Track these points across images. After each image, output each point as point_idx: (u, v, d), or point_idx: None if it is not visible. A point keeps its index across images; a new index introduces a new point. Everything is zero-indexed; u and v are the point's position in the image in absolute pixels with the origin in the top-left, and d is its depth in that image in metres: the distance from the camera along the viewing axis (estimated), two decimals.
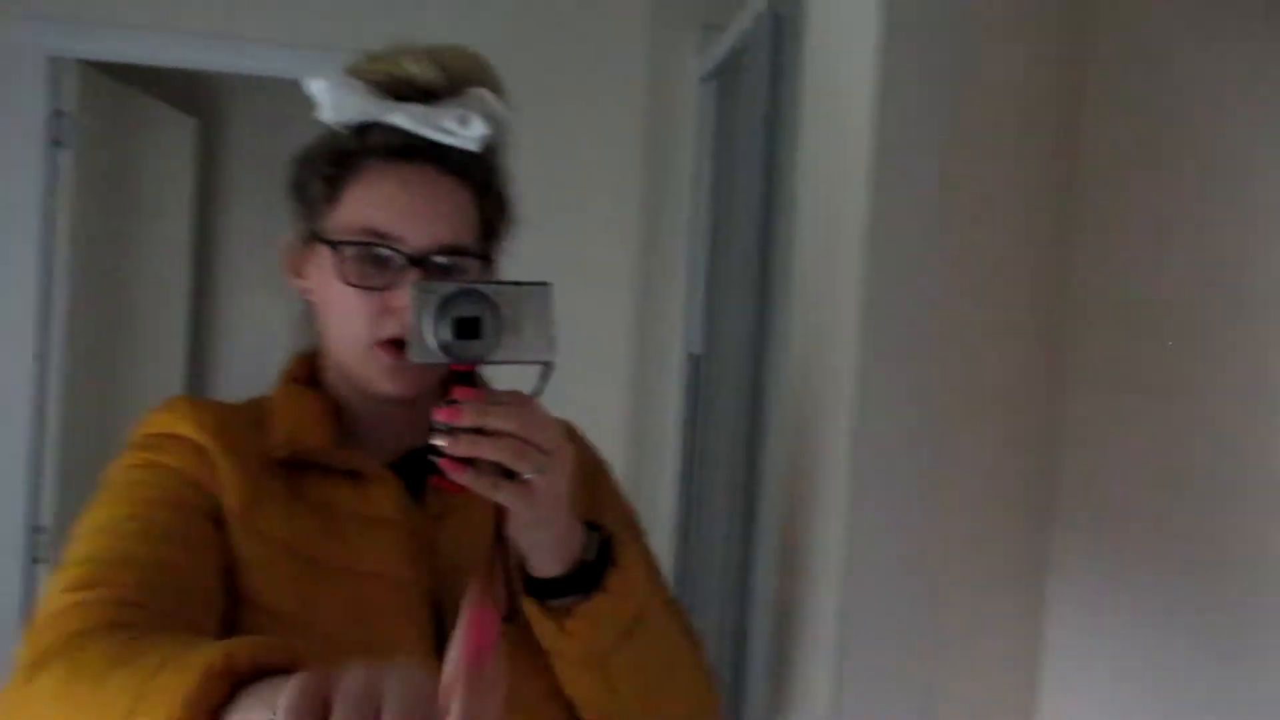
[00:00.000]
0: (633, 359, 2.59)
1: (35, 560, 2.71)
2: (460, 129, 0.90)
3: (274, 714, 0.51)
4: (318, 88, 0.91)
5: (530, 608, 0.84)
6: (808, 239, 1.18)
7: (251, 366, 3.98)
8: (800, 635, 1.09)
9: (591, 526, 0.86)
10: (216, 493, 0.86)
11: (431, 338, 0.75)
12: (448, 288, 0.76)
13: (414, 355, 0.76)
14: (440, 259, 0.89)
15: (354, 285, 0.88)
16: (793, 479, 1.16)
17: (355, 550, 0.87)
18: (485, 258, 0.94)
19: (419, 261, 0.87)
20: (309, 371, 0.98)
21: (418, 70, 0.92)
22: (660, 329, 2.49)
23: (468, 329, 0.75)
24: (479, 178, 0.93)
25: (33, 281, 2.67)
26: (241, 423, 0.92)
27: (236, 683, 0.59)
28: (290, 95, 0.92)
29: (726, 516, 1.85)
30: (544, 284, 0.78)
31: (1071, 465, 1.01)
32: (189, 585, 0.79)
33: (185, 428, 0.90)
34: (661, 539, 1.88)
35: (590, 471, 1.02)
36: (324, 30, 2.72)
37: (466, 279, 0.91)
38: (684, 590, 2.11)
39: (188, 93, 3.79)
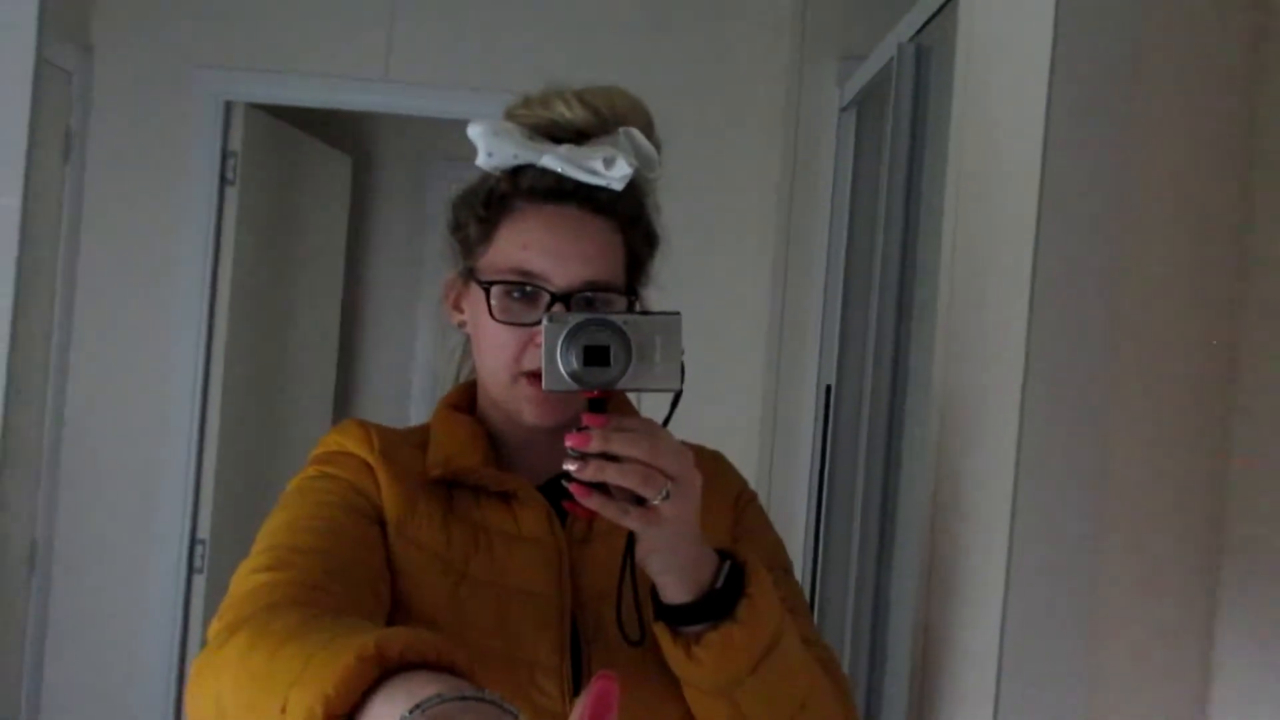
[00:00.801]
0: (767, 388, 2.59)
1: (193, 570, 2.89)
2: (605, 170, 0.93)
3: (408, 711, 0.55)
4: (475, 132, 0.96)
5: (660, 633, 0.85)
6: (954, 270, 1.17)
7: (392, 389, 4.15)
8: (948, 666, 1.07)
9: (724, 555, 0.86)
10: (379, 504, 0.92)
11: (562, 366, 0.78)
12: (577, 318, 0.79)
13: (547, 384, 0.79)
14: (585, 295, 0.92)
15: (501, 322, 0.92)
16: (938, 509, 1.14)
17: (502, 566, 0.91)
18: (631, 293, 0.97)
19: (564, 299, 0.91)
20: (468, 400, 1.04)
21: (569, 112, 0.96)
22: (795, 359, 2.48)
23: (596, 357, 0.78)
24: (626, 214, 0.97)
25: (198, 310, 2.87)
26: (404, 444, 0.98)
27: (385, 670, 0.61)
28: (432, 131, 0.99)
29: (861, 544, 1.83)
30: (674, 314, 0.80)
31: (1242, 483, 0.96)
32: (363, 579, 0.85)
33: (355, 446, 0.96)
34: (796, 567, 1.87)
35: (736, 500, 1.02)
36: (472, 71, 2.84)
37: (610, 309, 0.94)
38: (819, 617, 2.09)
39: (342, 131, 4.01)
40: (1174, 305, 0.97)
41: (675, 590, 0.83)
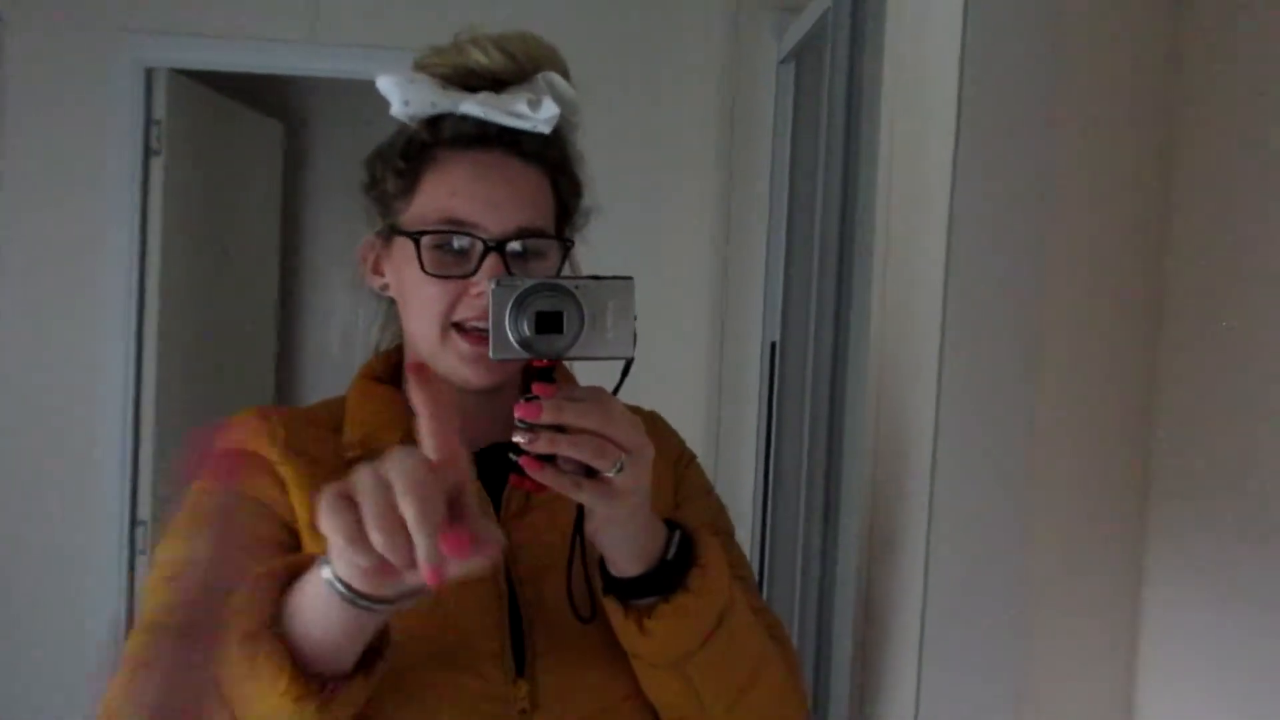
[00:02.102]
0: (712, 347, 2.58)
1: (135, 553, 2.83)
2: (531, 112, 0.90)
3: (323, 563, 0.67)
4: (386, 84, 0.92)
5: (610, 608, 0.83)
6: (889, 223, 1.16)
7: (338, 361, 4.07)
8: (884, 625, 1.07)
9: (673, 525, 0.84)
10: (286, 513, 0.87)
11: (511, 333, 0.75)
12: (527, 282, 0.75)
13: (494, 352, 0.75)
14: (518, 245, 0.89)
15: (433, 275, 0.88)
16: (876, 466, 1.14)
17: None
18: (565, 241, 0.94)
19: (498, 247, 0.87)
20: (389, 369, 0.99)
21: (485, 59, 0.92)
22: (739, 317, 2.47)
23: (548, 323, 0.75)
24: (553, 161, 0.94)
25: (128, 283, 2.78)
26: (314, 427, 0.93)
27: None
28: (371, 96, 0.94)
29: (807, 504, 1.83)
30: (626, 278, 0.77)
31: (1165, 449, 0.97)
32: None
33: (255, 443, 0.90)
34: (743, 529, 1.86)
35: (675, 463, 1.01)
36: (402, 31, 2.76)
37: (545, 264, 0.91)
38: (765, 580, 2.10)
39: (272, 97, 3.89)
40: (1099, 262, 0.97)
41: (626, 563, 0.81)
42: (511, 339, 0.75)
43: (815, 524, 1.79)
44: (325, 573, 0.67)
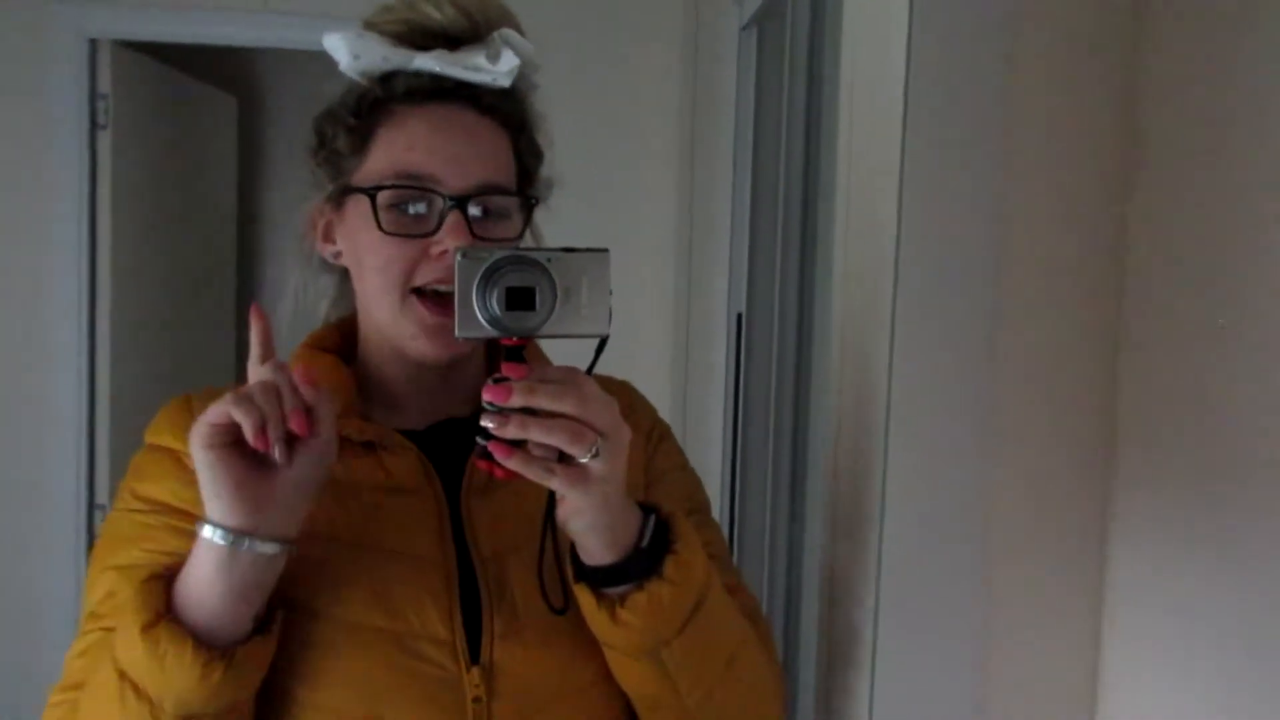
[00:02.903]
0: (678, 318, 2.56)
1: (94, 537, 2.77)
2: (490, 65, 0.86)
3: (200, 525, 0.72)
4: (333, 41, 0.88)
5: (582, 596, 0.79)
6: (850, 191, 1.13)
7: (298, 336, 4.00)
8: (850, 594, 1.06)
9: (647, 509, 0.80)
10: (199, 508, 0.81)
11: (479, 310, 0.71)
12: (496, 254, 0.71)
13: (460, 329, 0.71)
14: (478, 207, 0.85)
15: (391, 234, 0.83)
16: (840, 436, 1.12)
17: (374, 525, 0.83)
18: (528, 199, 0.90)
19: (459, 204, 0.83)
20: (338, 340, 0.95)
21: (438, 14, 0.87)
22: (705, 287, 2.45)
23: (520, 300, 0.71)
24: (513, 118, 0.89)
25: (78, 264, 2.70)
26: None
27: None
28: (330, 68, 0.89)
29: (774, 476, 1.82)
30: (601, 250, 0.73)
31: (1130, 421, 0.96)
32: None
33: (172, 438, 0.86)
34: (713, 499, 1.86)
35: (649, 435, 0.96)
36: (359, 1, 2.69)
37: (509, 225, 0.87)
38: (733, 553, 2.09)
39: (226, 71, 3.80)
40: (1058, 218, 0.96)
41: (598, 551, 0.77)
42: (479, 316, 0.71)
43: (783, 495, 1.78)
44: (205, 530, 0.72)
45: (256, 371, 0.76)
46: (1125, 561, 0.96)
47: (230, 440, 0.71)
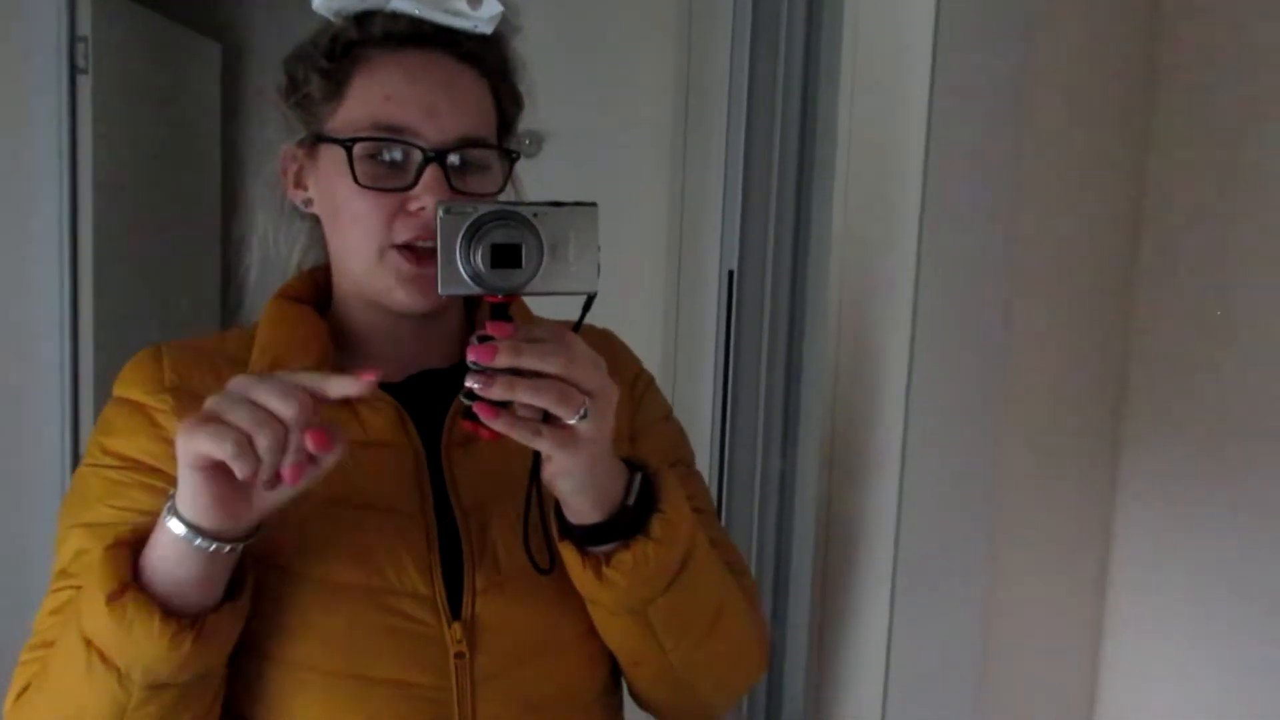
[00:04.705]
0: (669, 275, 2.53)
1: None
2: (471, 10, 0.83)
3: (168, 513, 0.70)
4: None
5: (567, 554, 0.78)
6: (852, 141, 1.11)
7: (268, 284, 3.95)
8: (849, 552, 1.06)
9: (633, 466, 0.79)
10: (169, 465, 0.81)
11: (463, 266, 0.69)
12: (480, 209, 0.69)
13: (443, 286, 0.69)
14: (457, 157, 0.82)
15: (368, 188, 0.81)
16: (837, 392, 1.11)
17: (351, 482, 0.82)
18: (509, 153, 0.88)
19: (438, 158, 0.81)
20: (311, 290, 0.93)
21: None
22: (696, 244, 2.43)
23: (505, 257, 0.69)
24: (494, 66, 0.87)
25: (58, 211, 2.65)
26: (214, 362, 0.86)
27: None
28: (305, 11, 0.86)
29: (765, 432, 1.82)
30: (589, 204, 0.71)
31: (1139, 379, 0.95)
32: None
33: (139, 391, 0.85)
34: (701, 457, 1.86)
35: (632, 384, 0.95)
36: None
37: (489, 178, 0.85)
38: (723, 509, 2.09)
39: (209, 16, 3.72)
40: (1076, 172, 0.94)
41: (584, 510, 0.76)
42: (463, 273, 0.69)
43: (774, 452, 1.78)
44: (172, 523, 0.69)
45: (286, 379, 0.69)
46: (1132, 513, 0.95)
47: (216, 464, 0.68)
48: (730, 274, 2.23)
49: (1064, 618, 0.95)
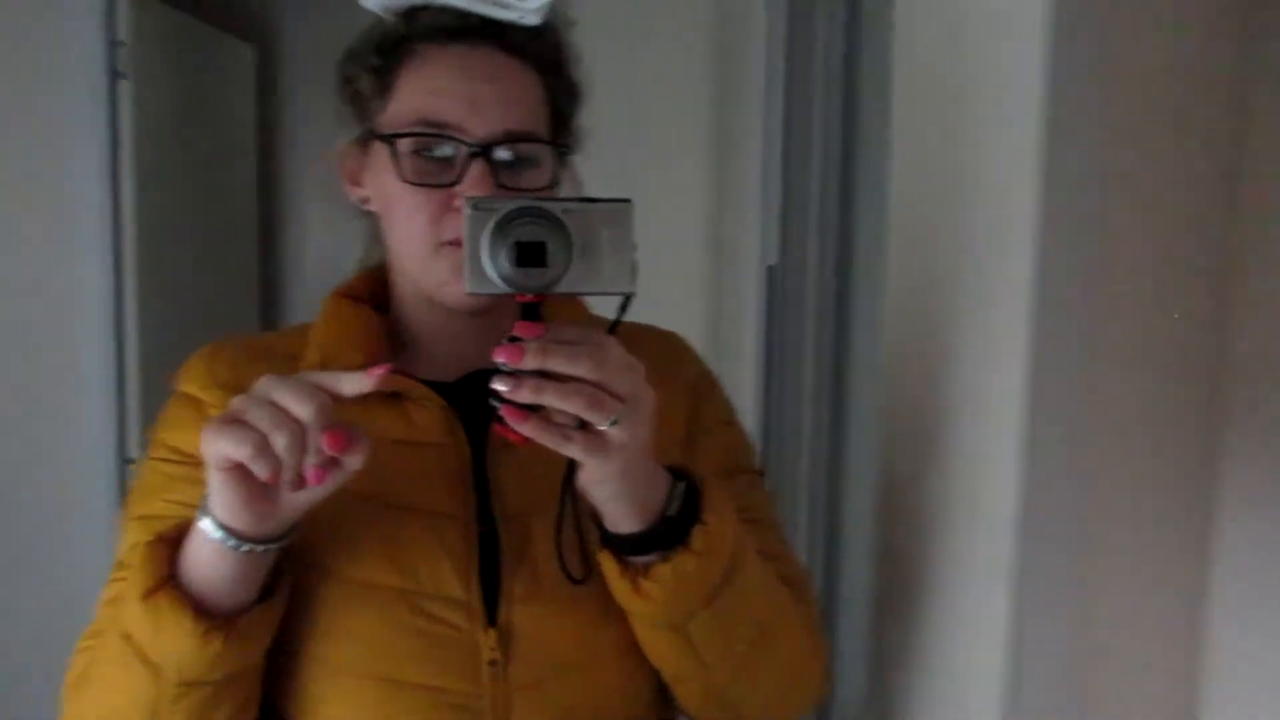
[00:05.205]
0: (709, 272, 2.51)
1: (127, 490, 2.78)
2: (517, 1, 0.82)
3: (201, 514, 0.71)
4: None
5: (605, 563, 0.76)
6: (911, 140, 1.08)
7: (319, 285, 3.98)
8: (912, 570, 1.03)
9: (678, 475, 0.77)
10: None
11: (489, 265, 0.67)
12: (507, 205, 0.67)
13: (470, 285, 0.68)
14: (507, 152, 0.81)
15: (413, 183, 0.80)
16: (899, 397, 1.08)
17: (391, 478, 0.81)
18: (560, 147, 0.86)
19: (484, 152, 0.79)
20: (370, 288, 0.92)
21: None
22: (736, 240, 2.40)
23: (531, 255, 0.67)
24: (545, 57, 0.85)
25: (101, 216, 2.67)
26: (268, 359, 0.86)
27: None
28: (344, 13, 0.85)
29: (813, 431, 1.79)
30: (623, 201, 0.69)
31: (1237, 384, 0.90)
32: None
33: (194, 386, 0.86)
34: None
35: (692, 389, 0.92)
36: None
37: (539, 174, 0.83)
38: None
39: (243, 19, 3.74)
40: (1163, 178, 0.89)
41: (621, 519, 0.73)
42: (489, 271, 0.67)
43: (821, 455, 1.75)
44: (204, 524, 0.70)
45: (308, 380, 0.70)
46: (1235, 543, 0.91)
47: (239, 464, 0.68)
48: (770, 269, 2.20)
49: (1159, 632, 0.91)
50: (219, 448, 0.67)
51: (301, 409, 0.66)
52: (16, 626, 2.71)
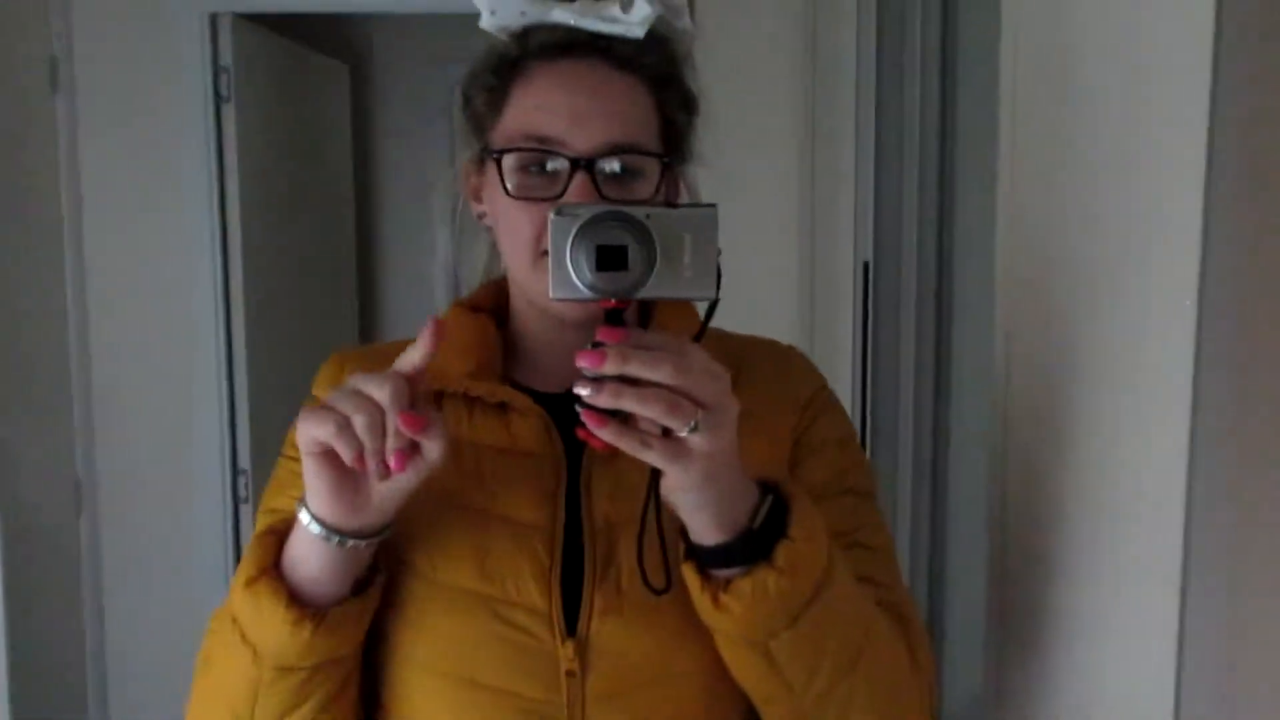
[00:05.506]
0: (803, 271, 2.48)
1: (238, 501, 2.88)
2: (622, 15, 0.82)
3: (300, 507, 0.74)
4: None
5: (688, 575, 0.74)
6: (1016, 129, 1.05)
7: (414, 295, 4.08)
8: (1032, 582, 0.98)
9: (766, 487, 0.75)
10: None
11: (573, 270, 0.67)
12: (590, 210, 0.67)
13: (554, 291, 0.68)
14: (616, 164, 0.81)
15: (518, 198, 0.82)
16: (1014, 394, 1.05)
17: (489, 487, 0.83)
18: (667, 158, 0.85)
19: (587, 166, 0.80)
20: (493, 299, 0.94)
21: None
22: (830, 237, 2.36)
23: (611, 259, 0.66)
24: (654, 69, 0.85)
25: (210, 238, 2.78)
26: (391, 363, 0.88)
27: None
28: (430, 31, 0.87)
29: (915, 436, 1.75)
30: (708, 206, 0.68)
31: None
32: None
33: (322, 389, 0.91)
34: None
35: (805, 405, 0.90)
36: None
37: (648, 185, 0.83)
38: None
39: (337, 39, 3.85)
40: None
41: (704, 529, 0.72)
42: (573, 276, 0.67)
43: (924, 460, 1.71)
44: (303, 516, 0.74)
45: (389, 371, 0.73)
46: None
47: (329, 449, 0.71)
48: (866, 266, 2.17)
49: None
50: (307, 431, 0.71)
51: (379, 392, 0.70)
52: (134, 626, 2.83)
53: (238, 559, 2.82)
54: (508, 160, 0.82)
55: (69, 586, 2.72)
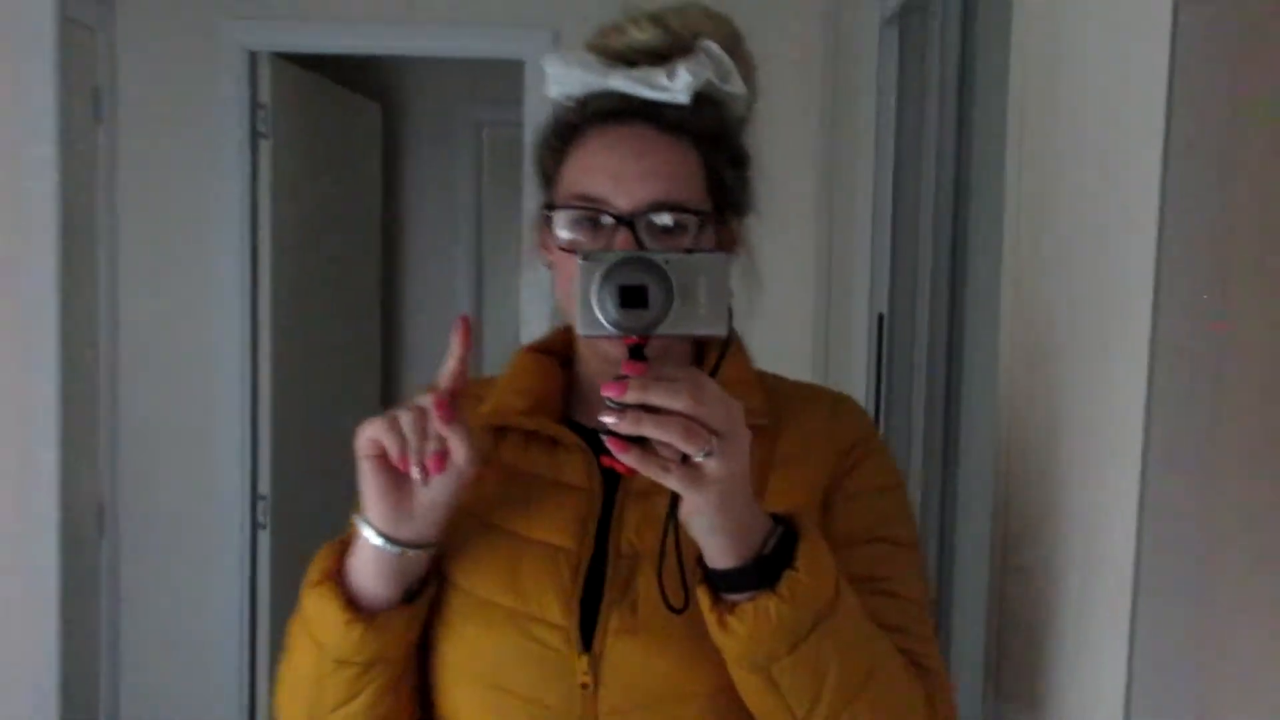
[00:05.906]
0: (818, 319, 2.52)
1: (257, 526, 2.93)
2: (668, 83, 0.90)
3: (360, 520, 0.83)
4: (547, 62, 0.96)
5: (702, 597, 0.80)
6: (1022, 187, 1.09)
7: (437, 332, 4.14)
8: (1027, 629, 1.01)
9: (780, 520, 0.80)
10: None
11: (598, 309, 0.74)
12: (614, 256, 0.75)
13: (583, 328, 0.75)
14: (668, 218, 0.88)
15: (568, 251, 0.89)
16: (1014, 443, 1.08)
17: (531, 516, 0.91)
18: (700, 214, 0.91)
19: (630, 222, 0.87)
20: (561, 343, 1.02)
21: (640, 34, 0.93)
22: (845, 287, 2.41)
23: (633, 298, 0.74)
24: (701, 131, 0.92)
25: (241, 268, 2.86)
26: (465, 398, 0.94)
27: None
28: (462, 71, 0.95)
29: (923, 481, 1.78)
30: (718, 253, 0.77)
31: None
32: None
33: None
34: None
35: (846, 451, 0.94)
36: (496, 6, 2.75)
37: (690, 240, 0.89)
38: None
39: (370, 79, 3.95)
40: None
41: (720, 554, 0.77)
42: (599, 315, 0.74)
43: (933, 503, 1.74)
44: (359, 522, 0.83)
45: (440, 374, 0.83)
46: None
47: (381, 453, 0.81)
48: (880, 317, 2.21)
49: None
50: (364, 431, 0.81)
51: (423, 399, 0.81)
52: (152, 646, 2.86)
53: (255, 583, 2.88)
54: (564, 215, 0.91)
55: (87, 610, 2.76)
